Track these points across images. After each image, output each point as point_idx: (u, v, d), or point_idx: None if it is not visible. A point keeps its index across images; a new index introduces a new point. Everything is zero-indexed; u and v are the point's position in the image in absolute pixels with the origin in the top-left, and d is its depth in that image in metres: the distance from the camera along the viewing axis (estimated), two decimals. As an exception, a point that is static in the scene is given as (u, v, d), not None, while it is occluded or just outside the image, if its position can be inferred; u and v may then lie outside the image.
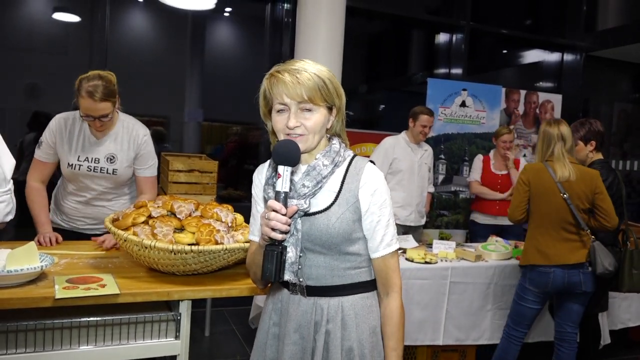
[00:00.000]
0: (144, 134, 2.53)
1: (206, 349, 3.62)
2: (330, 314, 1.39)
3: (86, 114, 2.29)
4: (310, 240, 1.36)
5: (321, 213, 1.35)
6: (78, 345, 1.68)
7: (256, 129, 5.37)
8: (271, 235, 1.25)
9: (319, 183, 1.35)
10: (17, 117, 4.45)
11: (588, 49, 5.88)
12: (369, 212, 1.37)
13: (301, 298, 1.41)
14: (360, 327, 1.39)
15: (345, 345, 1.38)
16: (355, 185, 1.36)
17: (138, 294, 1.72)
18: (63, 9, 4.67)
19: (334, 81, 1.36)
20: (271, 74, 1.35)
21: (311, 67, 1.33)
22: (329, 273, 1.38)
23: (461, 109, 5.02)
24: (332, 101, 1.36)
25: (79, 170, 2.43)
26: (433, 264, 3.08)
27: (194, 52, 5.47)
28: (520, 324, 2.87)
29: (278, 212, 1.24)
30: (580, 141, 2.94)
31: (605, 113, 6.74)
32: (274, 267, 1.25)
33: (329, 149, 1.40)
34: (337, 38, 4.14)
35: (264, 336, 1.50)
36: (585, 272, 2.70)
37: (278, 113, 1.34)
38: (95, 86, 2.25)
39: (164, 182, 3.55)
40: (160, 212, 1.97)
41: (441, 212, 5.08)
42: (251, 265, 1.48)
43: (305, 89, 1.29)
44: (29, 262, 1.70)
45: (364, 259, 1.41)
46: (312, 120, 1.32)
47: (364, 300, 1.42)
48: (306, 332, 1.40)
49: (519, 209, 2.82)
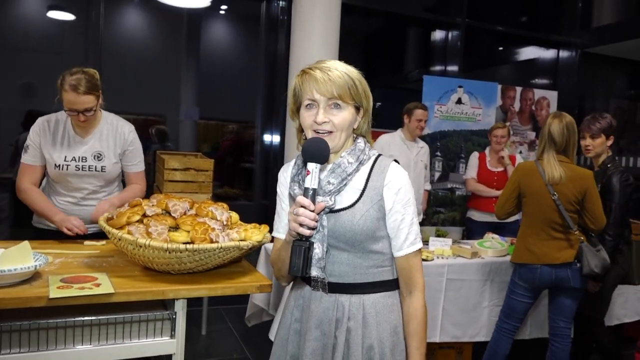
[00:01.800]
0: (129, 130, 2.55)
1: (203, 348, 3.62)
2: (352, 311, 1.40)
3: (70, 107, 2.29)
4: (334, 237, 1.37)
5: (345, 210, 1.36)
6: (73, 345, 1.68)
7: (252, 127, 5.37)
8: (299, 231, 1.26)
9: (343, 180, 1.37)
10: (13, 116, 4.43)
11: (584, 45, 5.89)
12: (393, 210, 1.38)
13: (323, 295, 1.42)
14: (382, 325, 1.40)
15: (366, 343, 1.39)
16: (380, 184, 1.37)
17: (133, 293, 1.72)
18: (58, 7, 4.65)
19: (363, 82, 1.38)
20: (303, 70, 1.37)
21: (342, 66, 1.36)
22: (352, 270, 1.39)
23: (457, 106, 5.03)
24: (360, 101, 1.38)
25: (67, 170, 2.43)
26: (429, 261, 3.08)
27: (189, 50, 5.46)
28: (511, 317, 2.90)
29: (307, 208, 1.26)
30: (603, 134, 2.91)
31: (601, 110, 6.74)
32: (302, 262, 1.27)
33: (354, 147, 1.41)
34: (333, 35, 4.14)
35: (285, 332, 1.51)
36: (573, 269, 2.71)
37: (307, 108, 1.36)
38: (78, 79, 2.27)
39: (159, 180, 3.54)
40: (155, 210, 1.96)
41: (438, 210, 5.09)
42: (276, 262, 1.50)
43: (336, 86, 1.32)
44: (23, 261, 1.69)
45: (387, 257, 1.42)
46: (340, 117, 1.34)
47: (385, 299, 1.42)
48: (327, 329, 1.41)
49: (504, 207, 2.87)
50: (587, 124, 2.92)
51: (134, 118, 5.13)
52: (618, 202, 2.81)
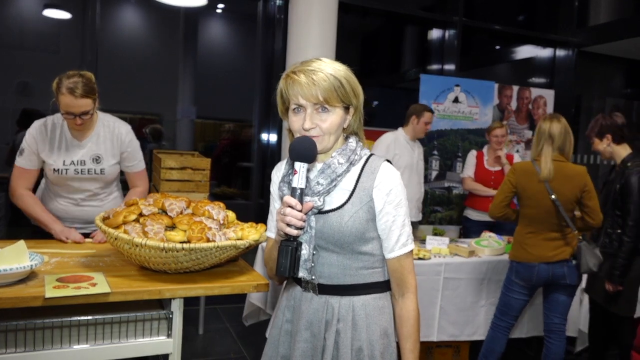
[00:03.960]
0: (126, 131, 2.53)
1: (200, 347, 3.61)
2: (341, 313, 1.39)
3: (67, 111, 2.27)
4: (323, 238, 1.36)
5: (334, 211, 1.35)
6: (69, 345, 1.67)
7: (249, 126, 5.36)
8: (286, 231, 1.26)
9: (333, 181, 1.35)
10: (9, 115, 4.42)
11: (580, 44, 5.90)
12: (383, 211, 1.36)
13: (313, 296, 1.41)
14: (371, 327, 1.39)
15: (355, 346, 1.38)
16: (369, 185, 1.36)
17: (129, 292, 1.71)
18: (54, 6, 4.63)
19: (351, 80, 1.34)
20: (287, 74, 1.34)
21: (328, 67, 1.31)
22: (341, 272, 1.38)
23: (454, 105, 5.03)
24: (349, 101, 1.34)
25: (66, 174, 2.41)
26: (426, 259, 3.08)
27: (186, 49, 5.45)
28: (506, 315, 2.91)
29: (294, 208, 1.25)
30: (595, 137, 2.93)
31: (598, 108, 6.77)
32: (289, 262, 1.27)
33: (345, 148, 1.39)
34: (330, 34, 4.14)
35: (277, 332, 1.51)
36: (569, 266, 2.74)
37: (294, 112, 1.34)
38: (75, 82, 2.25)
39: (156, 179, 3.53)
40: (151, 210, 1.95)
41: (435, 208, 5.09)
42: (268, 261, 1.49)
43: (321, 90, 1.28)
44: (19, 261, 1.68)
45: (377, 259, 1.41)
46: (328, 121, 1.31)
47: (375, 301, 1.41)
48: (317, 330, 1.40)
49: (499, 207, 2.87)
50: (588, 132, 2.97)
51: (130, 117, 5.14)
52: (637, 202, 2.76)
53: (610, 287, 2.85)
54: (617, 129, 2.92)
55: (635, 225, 2.76)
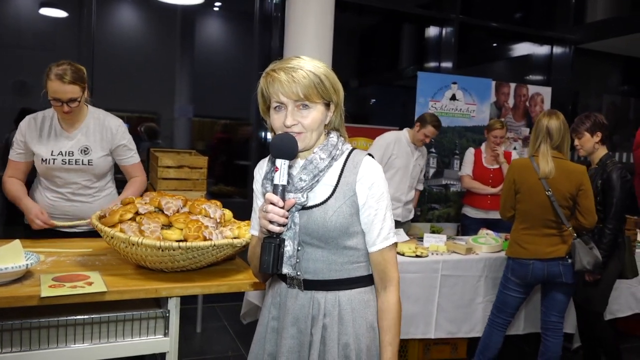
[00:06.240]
0: (117, 124, 2.54)
1: (198, 346, 3.61)
2: (327, 308, 1.39)
3: (54, 97, 2.29)
4: (307, 234, 1.36)
5: (318, 206, 1.35)
6: (66, 344, 1.67)
7: (247, 125, 5.35)
8: (269, 228, 1.26)
9: (315, 176, 1.35)
10: (5, 114, 4.40)
11: (577, 41, 5.91)
12: (366, 205, 1.37)
13: (299, 292, 1.42)
14: (357, 322, 1.39)
15: (342, 340, 1.38)
16: (352, 179, 1.36)
17: (126, 291, 1.71)
18: (50, 4, 4.61)
19: (330, 77, 1.35)
20: (267, 72, 1.35)
21: (307, 64, 1.32)
22: (327, 267, 1.38)
23: (451, 103, 5.03)
24: (329, 97, 1.36)
25: (54, 164, 2.42)
26: (424, 257, 3.08)
27: (183, 47, 5.44)
28: (502, 312, 2.92)
29: (276, 205, 1.26)
30: (587, 132, 2.96)
31: (594, 105, 6.78)
32: (272, 259, 1.27)
33: (327, 143, 1.40)
34: (327, 32, 4.13)
35: (263, 330, 1.50)
36: (565, 265, 2.74)
37: (275, 111, 1.34)
38: (64, 69, 2.29)
39: (153, 178, 3.52)
40: (148, 208, 1.95)
41: (432, 206, 5.09)
42: (252, 259, 1.49)
43: (301, 87, 1.29)
44: (14, 260, 1.67)
45: (361, 253, 1.41)
46: (309, 118, 1.32)
47: (361, 295, 1.41)
48: (303, 326, 1.40)
49: (507, 208, 2.88)
50: (573, 127, 3.01)
51: (127, 116, 5.11)
52: (619, 197, 2.85)
53: (590, 277, 2.89)
54: (606, 130, 3.00)
55: (615, 217, 2.85)
